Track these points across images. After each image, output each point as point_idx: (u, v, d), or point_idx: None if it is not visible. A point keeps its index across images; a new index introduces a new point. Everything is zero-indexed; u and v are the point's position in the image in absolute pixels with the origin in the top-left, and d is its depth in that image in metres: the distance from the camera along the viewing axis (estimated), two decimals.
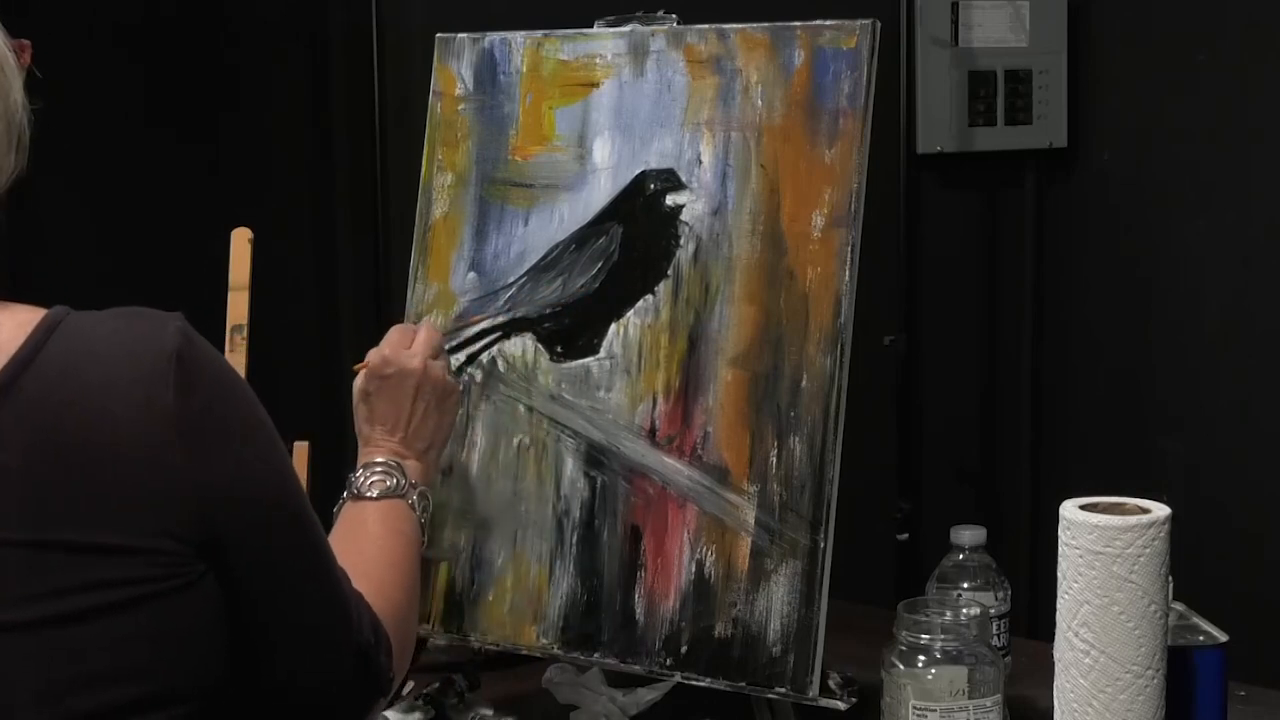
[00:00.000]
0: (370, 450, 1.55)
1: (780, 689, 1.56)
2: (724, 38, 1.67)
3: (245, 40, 2.56)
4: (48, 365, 1.06)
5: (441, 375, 1.59)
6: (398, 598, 1.36)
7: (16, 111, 1.13)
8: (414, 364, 1.57)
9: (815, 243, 1.60)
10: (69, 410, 1.05)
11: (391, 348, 1.58)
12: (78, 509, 1.04)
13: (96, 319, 1.10)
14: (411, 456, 1.55)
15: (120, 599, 1.04)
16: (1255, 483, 2.93)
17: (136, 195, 2.40)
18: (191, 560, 1.08)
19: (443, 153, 1.80)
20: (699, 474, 1.62)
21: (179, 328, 1.09)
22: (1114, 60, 3.12)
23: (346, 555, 1.33)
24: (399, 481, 1.50)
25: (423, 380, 1.56)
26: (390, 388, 1.56)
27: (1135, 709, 1.36)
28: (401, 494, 1.50)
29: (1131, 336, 3.12)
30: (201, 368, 1.09)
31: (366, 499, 1.49)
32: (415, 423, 1.56)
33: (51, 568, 1.03)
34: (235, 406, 1.12)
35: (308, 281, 2.66)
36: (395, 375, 1.56)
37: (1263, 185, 2.91)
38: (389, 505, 1.49)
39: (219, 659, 1.11)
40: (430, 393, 1.57)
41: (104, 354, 1.07)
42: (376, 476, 1.51)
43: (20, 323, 1.08)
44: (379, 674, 1.24)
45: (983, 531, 1.78)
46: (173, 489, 1.06)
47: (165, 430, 1.06)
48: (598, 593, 1.65)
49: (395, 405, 1.55)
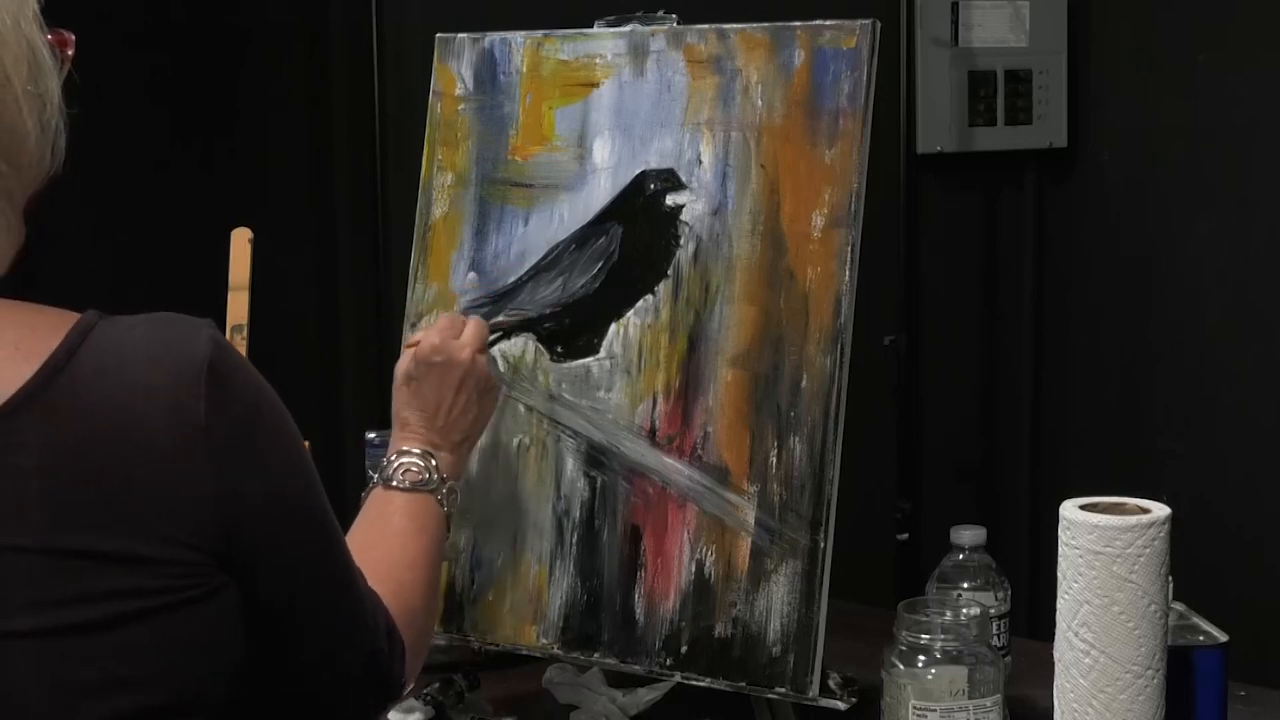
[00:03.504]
0: (405, 436, 1.53)
1: (780, 689, 1.56)
2: (724, 38, 1.67)
3: (245, 40, 2.56)
4: (79, 372, 1.05)
5: (486, 370, 1.58)
6: (415, 601, 1.35)
7: (53, 114, 1.12)
8: (464, 355, 1.56)
9: (815, 243, 1.60)
10: (96, 418, 1.04)
11: (442, 335, 1.56)
12: (96, 517, 1.03)
13: (128, 325, 1.08)
14: (445, 448, 1.53)
15: (136, 609, 1.03)
16: (1255, 483, 2.93)
17: (136, 195, 2.40)
18: (210, 571, 1.07)
19: (443, 153, 1.80)
20: (699, 474, 1.62)
21: (210, 336, 1.08)
22: (1114, 60, 3.12)
23: (368, 550, 1.32)
24: (431, 474, 1.49)
25: (469, 372, 1.56)
26: (436, 375, 1.54)
27: (1135, 709, 1.36)
28: (431, 488, 1.49)
29: (1131, 336, 3.12)
30: (232, 378, 1.08)
31: (396, 489, 1.48)
32: (455, 413, 1.55)
33: (67, 576, 1.02)
34: (264, 419, 1.11)
35: (308, 281, 2.66)
36: (443, 364, 1.55)
37: (1263, 185, 2.91)
38: (418, 500, 1.48)
39: (235, 667, 1.10)
40: (474, 386, 1.56)
41: (134, 362, 1.06)
42: (409, 466, 1.49)
43: (52, 326, 1.07)
44: (390, 679, 1.23)
45: (983, 531, 1.78)
46: (196, 501, 1.05)
47: (192, 442, 1.05)
48: (598, 593, 1.65)
49: (438, 393, 1.54)
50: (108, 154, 2.29)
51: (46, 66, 1.12)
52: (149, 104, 2.44)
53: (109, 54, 2.32)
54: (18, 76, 1.09)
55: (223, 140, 2.54)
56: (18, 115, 1.09)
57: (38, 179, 1.14)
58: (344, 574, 1.19)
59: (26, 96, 1.09)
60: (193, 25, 2.49)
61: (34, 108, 1.10)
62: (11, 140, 1.09)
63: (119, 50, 2.35)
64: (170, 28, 2.46)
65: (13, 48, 1.09)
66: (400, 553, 1.41)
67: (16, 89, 1.09)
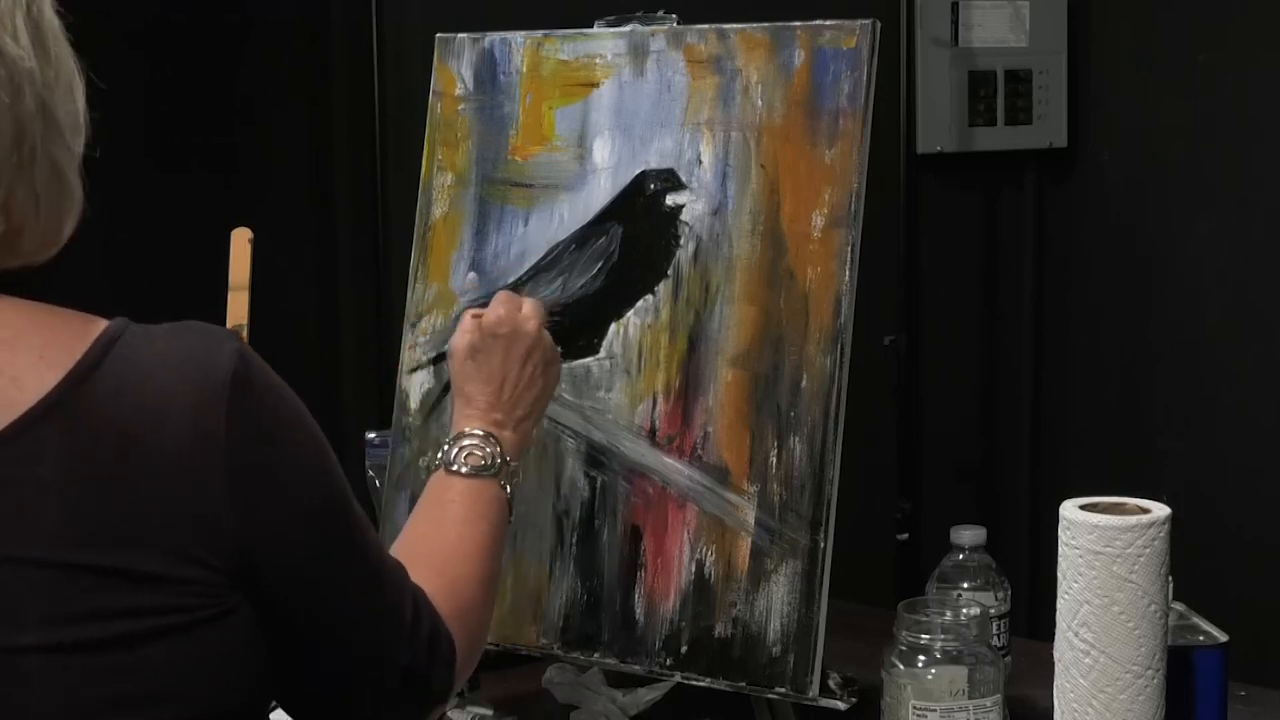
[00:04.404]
0: (468, 415, 1.49)
1: (780, 689, 1.56)
2: (724, 38, 1.67)
3: (246, 39, 2.56)
4: (102, 383, 1.03)
5: (551, 342, 1.55)
6: (471, 595, 1.31)
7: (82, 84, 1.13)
8: (530, 326, 1.52)
9: (815, 243, 1.60)
10: (117, 431, 1.02)
11: (507, 307, 1.53)
12: (114, 532, 1.01)
13: (153, 335, 1.07)
14: (509, 426, 1.49)
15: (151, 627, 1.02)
16: (1255, 483, 2.93)
17: (136, 194, 2.40)
18: (227, 589, 1.05)
19: (443, 153, 1.79)
20: (699, 474, 1.62)
21: (235, 348, 1.07)
22: (1114, 60, 3.12)
23: (425, 540, 1.31)
24: (493, 458, 1.46)
25: (536, 343, 1.52)
26: (502, 347, 1.51)
27: (1135, 709, 1.35)
28: (494, 472, 1.45)
29: (1132, 336, 3.12)
30: (255, 392, 1.06)
31: (456, 474, 1.44)
32: (521, 387, 1.51)
33: (82, 591, 1.01)
34: (287, 434, 1.09)
35: (308, 281, 2.66)
36: (509, 334, 1.51)
37: (1263, 185, 2.91)
38: (478, 486, 1.44)
39: (254, 682, 1.09)
40: (540, 358, 1.53)
41: (157, 374, 1.04)
42: (471, 449, 1.46)
43: (77, 333, 1.06)
44: (430, 686, 1.20)
45: (983, 531, 1.78)
46: (214, 517, 1.04)
47: (211, 457, 1.04)
48: (598, 593, 1.65)
49: (504, 366, 1.51)
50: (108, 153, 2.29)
51: (71, 71, 1.12)
52: (149, 103, 2.44)
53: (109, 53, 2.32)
54: (57, 44, 1.10)
55: (222, 140, 2.53)
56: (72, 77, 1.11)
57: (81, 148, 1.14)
58: (364, 579, 1.15)
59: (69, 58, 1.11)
60: (193, 24, 2.48)
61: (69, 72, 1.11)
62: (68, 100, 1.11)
63: (119, 49, 2.35)
64: (170, 27, 2.46)
65: (49, 15, 1.09)
66: (457, 543, 1.37)
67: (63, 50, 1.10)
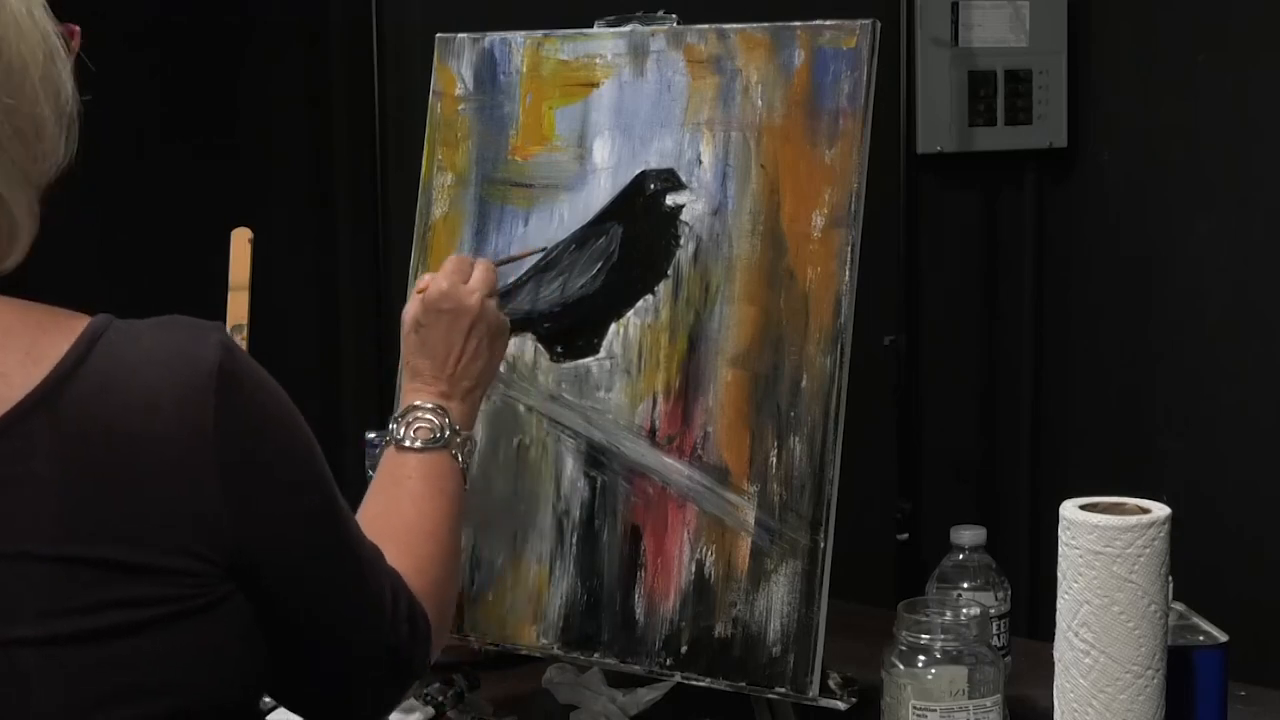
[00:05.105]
0: (415, 389, 1.52)
1: (780, 689, 1.56)
2: (724, 38, 1.67)
3: (245, 39, 2.56)
4: (88, 378, 1.04)
5: (496, 314, 1.57)
6: (437, 573, 1.34)
7: (68, 102, 1.12)
8: (471, 301, 1.55)
9: (815, 243, 1.60)
10: (105, 426, 1.03)
11: (450, 280, 1.55)
12: (107, 526, 1.02)
13: (138, 331, 1.07)
14: (456, 397, 1.52)
15: (146, 618, 1.03)
16: (1255, 483, 2.93)
17: (136, 195, 2.40)
18: (219, 580, 1.06)
19: (443, 153, 1.80)
20: (699, 474, 1.62)
21: (220, 340, 1.07)
22: (1114, 60, 3.12)
23: (385, 519, 1.32)
24: (443, 429, 1.48)
25: (478, 318, 1.55)
26: (445, 322, 1.54)
27: (1135, 709, 1.36)
28: (445, 444, 1.47)
29: (1132, 336, 3.12)
30: (242, 384, 1.07)
31: (409, 449, 1.47)
32: (465, 360, 1.54)
33: (77, 584, 1.02)
34: (274, 425, 1.10)
35: (308, 281, 2.66)
36: (451, 310, 1.54)
37: (1263, 185, 2.91)
38: (432, 460, 1.46)
39: (249, 671, 1.10)
40: (484, 331, 1.55)
41: (143, 368, 1.05)
42: (421, 423, 1.48)
43: (63, 330, 1.06)
44: (411, 664, 1.23)
45: (983, 531, 1.78)
46: (205, 509, 1.05)
47: (200, 450, 1.04)
48: (598, 593, 1.65)
49: (447, 340, 1.53)
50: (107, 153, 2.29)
51: (60, 55, 1.12)
52: (149, 103, 2.44)
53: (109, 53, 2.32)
54: (34, 64, 1.09)
55: (223, 140, 2.54)
56: (36, 102, 1.09)
57: (54, 167, 1.13)
58: (358, 571, 1.17)
59: (44, 83, 1.10)
60: (193, 24, 2.49)
61: (50, 94, 1.10)
62: (30, 127, 1.09)
63: (119, 49, 2.35)
64: (170, 27, 2.46)
65: (29, 35, 1.09)
66: (418, 520, 1.39)
67: (34, 76, 1.09)
